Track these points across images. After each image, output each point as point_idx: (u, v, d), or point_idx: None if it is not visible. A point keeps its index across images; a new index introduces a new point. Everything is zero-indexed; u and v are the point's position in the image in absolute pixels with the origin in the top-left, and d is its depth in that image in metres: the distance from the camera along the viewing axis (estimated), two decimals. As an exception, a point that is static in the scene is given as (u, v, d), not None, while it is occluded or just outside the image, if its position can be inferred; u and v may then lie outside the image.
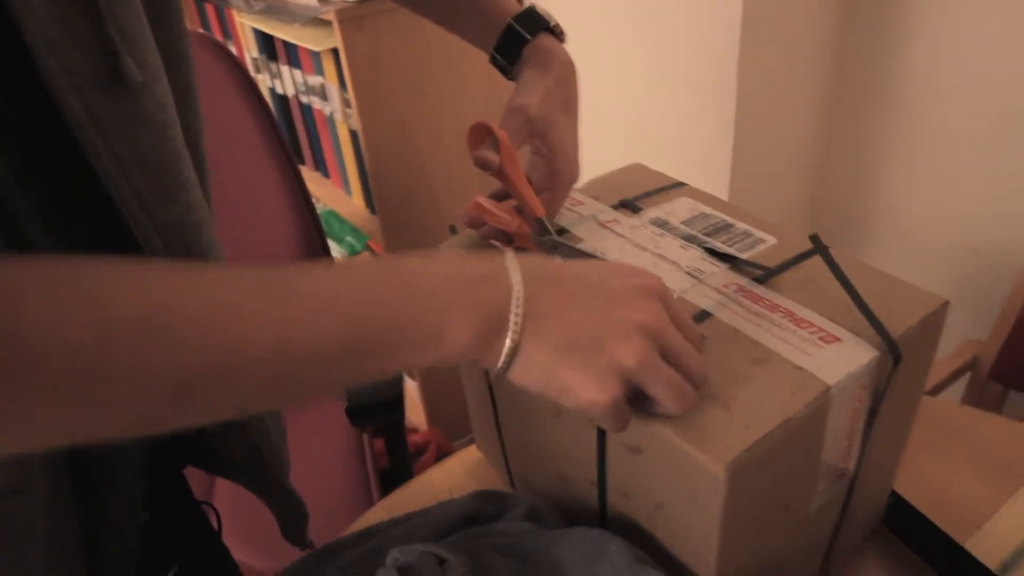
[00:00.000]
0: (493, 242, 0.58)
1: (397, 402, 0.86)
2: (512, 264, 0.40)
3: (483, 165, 0.55)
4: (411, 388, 1.73)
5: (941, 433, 0.77)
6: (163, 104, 0.43)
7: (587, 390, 0.39)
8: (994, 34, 1.04)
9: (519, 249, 0.47)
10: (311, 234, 1.18)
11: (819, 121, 1.27)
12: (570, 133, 0.60)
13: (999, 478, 0.71)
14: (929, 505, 0.66)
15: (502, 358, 0.39)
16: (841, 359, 0.45)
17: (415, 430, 1.70)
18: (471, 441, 0.79)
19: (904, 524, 0.66)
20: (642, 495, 0.48)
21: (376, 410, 0.85)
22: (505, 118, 0.58)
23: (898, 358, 0.46)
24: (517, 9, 0.64)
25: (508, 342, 0.38)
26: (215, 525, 0.66)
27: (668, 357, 0.41)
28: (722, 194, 1.18)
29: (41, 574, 0.45)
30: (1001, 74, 1.05)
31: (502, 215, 0.55)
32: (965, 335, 1.22)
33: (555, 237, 0.57)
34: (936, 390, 1.12)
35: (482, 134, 0.56)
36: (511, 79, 0.64)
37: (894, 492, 0.65)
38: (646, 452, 0.45)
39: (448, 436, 1.65)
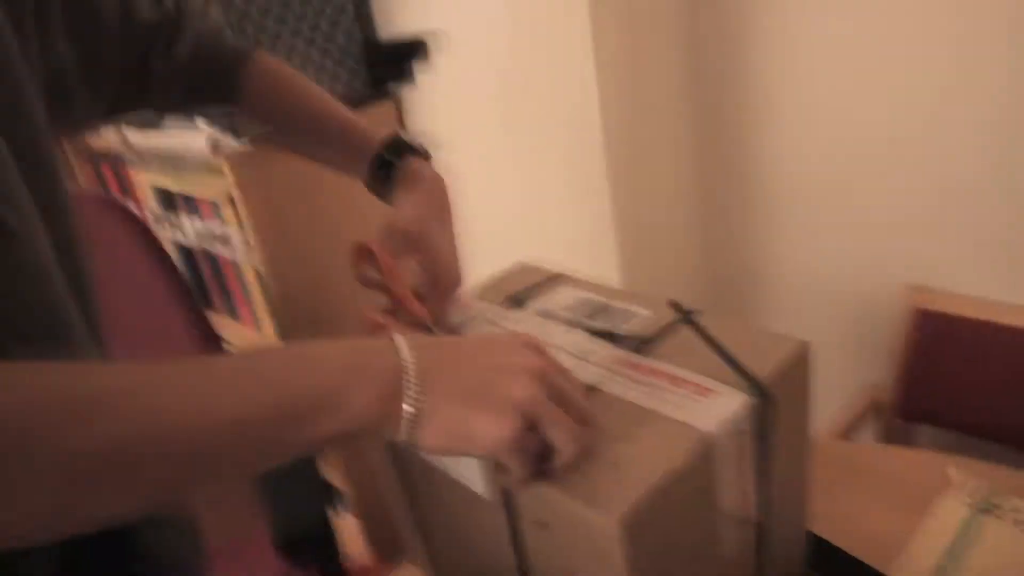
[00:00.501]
0: None
1: (325, 524, 0.85)
2: (399, 340, 0.43)
3: (365, 281, 0.60)
4: (351, 523, 1.69)
5: (851, 472, 0.81)
6: (38, 252, 0.46)
7: (488, 430, 0.42)
8: (843, 89, 1.15)
9: None
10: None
11: (694, 194, 1.36)
12: (447, 241, 0.65)
13: (910, 505, 0.75)
14: (848, 541, 0.69)
15: (403, 424, 0.42)
16: (717, 408, 0.49)
17: (357, 565, 1.65)
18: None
19: (827, 564, 0.68)
20: (559, 569, 0.49)
21: (305, 536, 0.84)
22: (382, 235, 0.62)
23: (768, 398, 0.50)
24: (382, 138, 0.70)
25: (407, 407, 0.42)
26: None
27: (556, 399, 0.44)
28: (614, 276, 1.24)
29: None
30: (860, 124, 1.15)
31: (394, 327, 0.58)
32: (865, 380, 1.29)
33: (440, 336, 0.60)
34: (846, 436, 1.17)
35: (363, 253, 0.60)
36: (387, 203, 0.69)
37: (812, 533, 0.68)
38: (551, 524, 0.47)
39: (392, 566, 1.61)
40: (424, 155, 0.70)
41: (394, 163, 0.68)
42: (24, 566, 0.47)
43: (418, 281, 0.64)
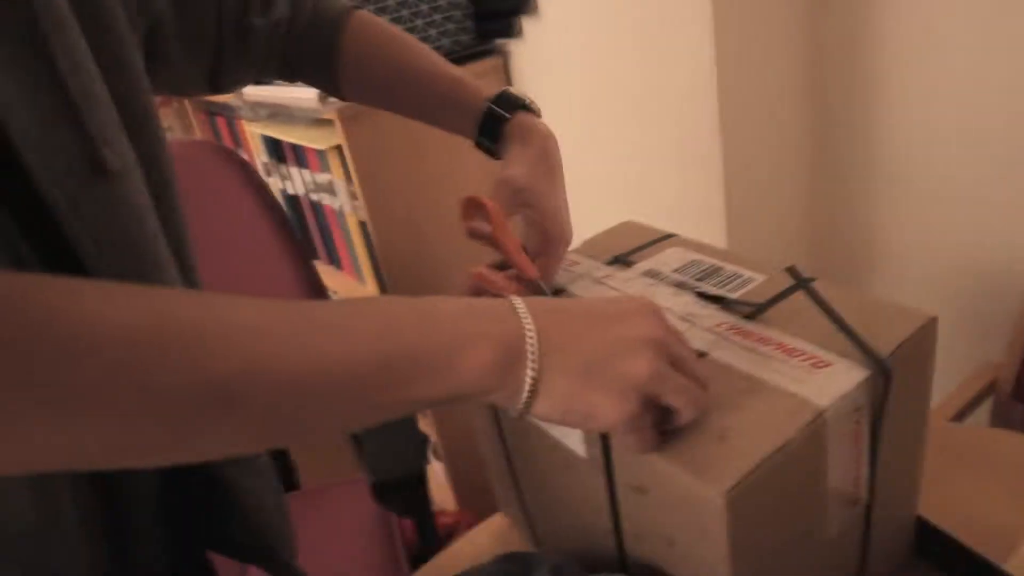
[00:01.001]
0: None
1: (420, 478, 0.87)
2: (519, 303, 0.42)
3: (475, 235, 0.59)
4: (438, 469, 1.73)
5: (966, 457, 0.76)
6: (135, 192, 0.47)
7: (608, 410, 0.41)
8: (977, 61, 1.07)
9: None
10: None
11: (806, 161, 1.30)
12: (558, 198, 0.64)
13: (1031, 496, 0.71)
14: (962, 530, 0.65)
15: (525, 391, 0.40)
16: (833, 382, 0.46)
17: (443, 512, 1.69)
18: (499, 514, 0.80)
19: (937, 551, 0.65)
20: (654, 534, 0.48)
21: (400, 486, 0.86)
22: (494, 191, 0.61)
23: (889, 376, 0.47)
24: (489, 94, 0.69)
25: (529, 373, 0.40)
26: None
27: (675, 364, 0.43)
28: (720, 241, 1.20)
29: None
30: (986, 99, 1.08)
31: (501, 282, 0.58)
32: (982, 358, 1.22)
33: (550, 296, 0.59)
34: (960, 416, 1.11)
35: (473, 207, 0.59)
36: (497, 158, 0.69)
37: (920, 517, 0.65)
38: (651, 491, 0.46)
39: (478, 515, 1.64)
40: (534, 111, 0.69)
41: (504, 119, 0.67)
42: (130, 479, 0.50)
43: (527, 238, 0.63)
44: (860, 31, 1.16)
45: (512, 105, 0.68)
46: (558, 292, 0.63)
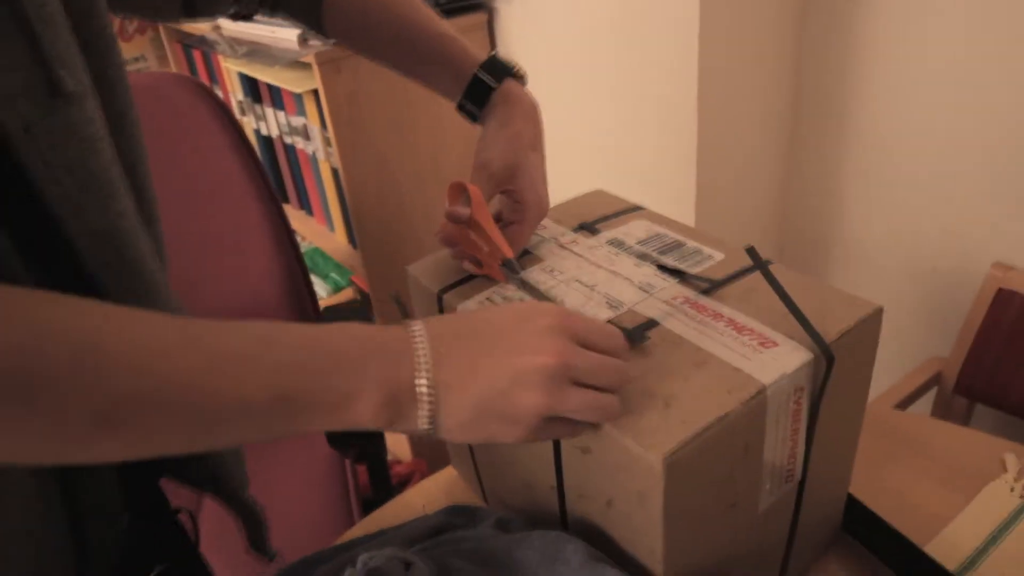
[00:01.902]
0: (466, 265, 0.62)
1: (375, 431, 0.88)
2: (418, 335, 0.43)
3: (455, 219, 0.60)
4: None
5: (904, 444, 0.79)
6: (91, 118, 0.46)
7: (508, 435, 0.44)
8: (943, 58, 1.09)
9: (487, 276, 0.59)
10: (293, 269, 1.21)
11: (780, 145, 1.32)
12: (538, 171, 0.64)
13: (960, 485, 0.74)
14: (891, 512, 0.68)
15: (424, 426, 0.43)
16: (777, 361, 0.48)
17: (399, 461, 1.71)
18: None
19: (863, 528, 0.68)
20: (595, 494, 0.50)
21: (354, 434, 0.87)
22: (473, 175, 0.62)
23: (831, 361, 0.49)
24: (480, 58, 0.68)
25: (424, 414, 0.42)
26: (192, 535, 0.68)
27: (581, 381, 0.44)
28: (688, 218, 1.22)
29: (33, 559, 0.47)
30: (951, 95, 1.10)
31: (478, 245, 0.60)
32: (930, 352, 1.26)
33: (521, 277, 0.60)
34: (904, 405, 1.14)
35: (458, 191, 0.61)
36: (477, 123, 0.68)
37: (851, 496, 0.67)
38: (594, 451, 0.47)
39: (432, 466, 1.67)
40: (521, 78, 0.69)
41: (492, 86, 0.66)
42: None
43: (503, 205, 0.64)
44: (844, 27, 1.17)
45: (501, 73, 0.67)
46: (524, 255, 0.64)
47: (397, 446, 1.77)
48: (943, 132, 1.13)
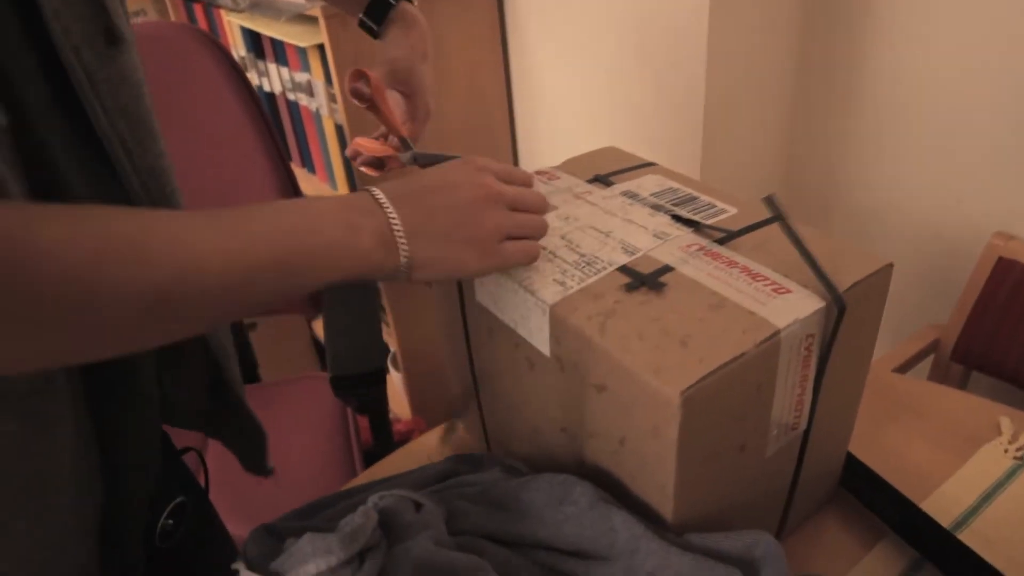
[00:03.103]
0: (365, 168, 0.72)
1: (378, 374, 0.89)
2: (379, 194, 0.50)
3: (357, 95, 0.68)
4: (395, 379, 1.76)
5: (902, 405, 0.81)
6: (136, 64, 0.51)
7: (473, 261, 0.52)
8: (950, 23, 1.09)
9: (389, 170, 0.69)
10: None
11: (787, 107, 1.31)
12: (428, 77, 0.74)
13: (956, 446, 0.75)
14: (888, 471, 0.69)
15: (402, 265, 0.50)
16: (790, 307, 0.49)
17: (399, 419, 1.73)
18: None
19: (860, 484, 0.69)
20: (607, 433, 0.51)
21: (359, 381, 0.88)
22: (377, 67, 0.71)
23: (843, 309, 0.50)
24: None
25: (403, 252, 0.49)
26: (201, 479, 0.70)
27: (511, 205, 0.54)
28: (694, 174, 1.22)
29: (68, 476, 0.49)
30: (958, 62, 1.10)
31: (373, 145, 0.70)
32: (929, 319, 1.27)
33: (415, 151, 0.70)
34: (901, 371, 1.16)
35: (358, 75, 0.68)
36: (377, 39, 0.76)
37: (850, 453, 0.69)
38: (610, 388, 0.48)
39: (431, 424, 1.68)
40: (412, 1, 0.77)
41: (391, 4, 0.74)
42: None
43: (399, 106, 0.73)
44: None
45: None
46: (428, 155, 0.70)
47: (397, 405, 1.78)
48: (949, 100, 1.13)
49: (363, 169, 0.71)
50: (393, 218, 0.49)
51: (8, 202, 0.37)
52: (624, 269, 0.54)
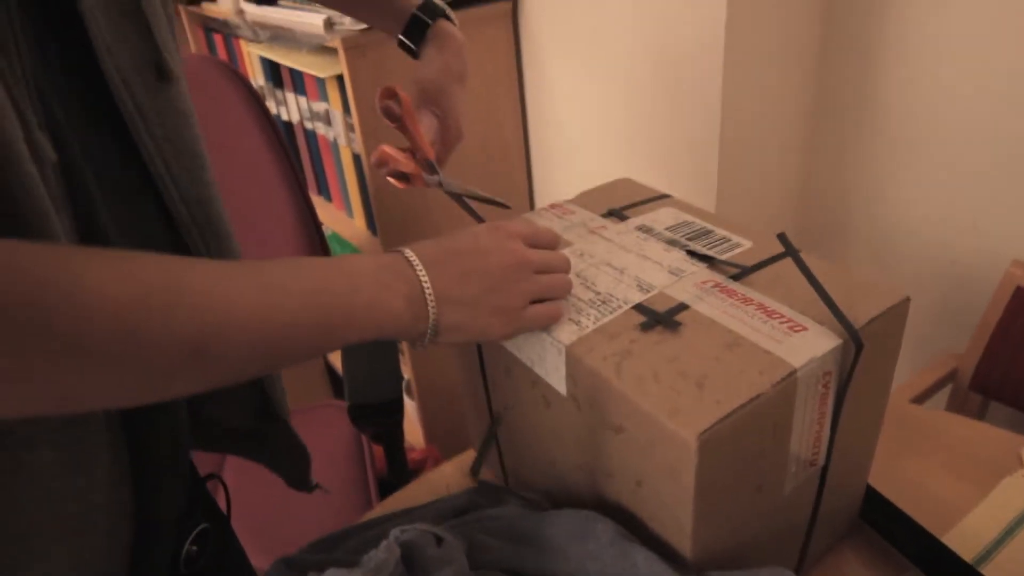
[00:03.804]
0: (391, 179, 0.70)
1: (396, 404, 0.90)
2: (412, 256, 0.51)
3: (387, 114, 0.67)
4: (410, 408, 1.76)
5: (921, 436, 0.80)
6: (185, 95, 0.53)
7: (498, 327, 0.53)
8: (963, 49, 1.09)
9: (414, 186, 0.70)
10: (317, 254, 1.22)
11: (802, 135, 1.32)
12: (461, 102, 0.73)
13: (977, 478, 0.74)
14: (908, 503, 0.69)
15: (429, 330, 0.51)
16: (807, 345, 0.49)
17: (412, 448, 1.73)
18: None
19: (880, 518, 0.69)
20: (623, 474, 0.51)
21: (377, 411, 0.88)
22: (409, 85, 0.71)
23: (860, 346, 0.50)
24: (416, 1, 0.76)
25: (431, 317, 0.50)
26: (225, 500, 0.71)
27: (539, 270, 0.55)
28: (709, 205, 1.22)
29: (103, 505, 0.50)
30: (973, 89, 1.10)
31: (401, 159, 0.68)
32: (946, 347, 1.26)
33: (441, 177, 0.69)
34: (920, 399, 1.15)
35: (390, 93, 0.67)
36: (416, 58, 0.76)
37: (870, 486, 0.68)
38: (627, 430, 0.48)
39: (445, 454, 1.68)
40: (452, 20, 0.77)
41: (428, 23, 0.74)
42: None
43: (428, 129, 0.72)
44: (868, 19, 1.17)
45: (435, 13, 0.75)
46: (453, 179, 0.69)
47: (411, 434, 1.78)
48: (966, 128, 1.13)
49: (389, 179, 0.71)
50: (425, 283, 0.50)
51: (51, 244, 0.38)
52: (639, 307, 0.54)
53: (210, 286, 0.41)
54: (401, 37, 0.77)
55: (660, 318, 0.52)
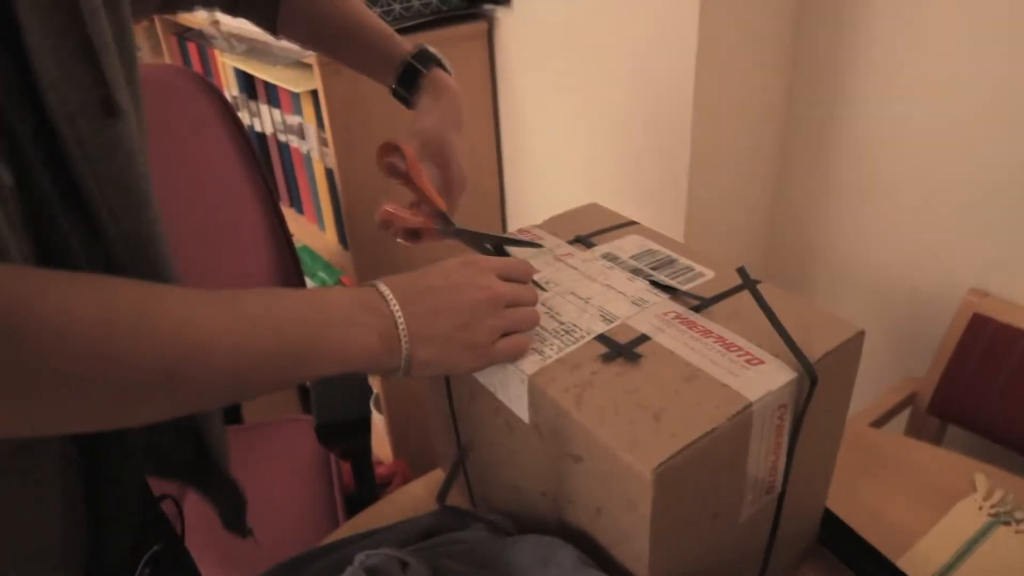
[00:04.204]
0: (401, 240, 0.69)
1: (364, 423, 0.90)
2: (386, 291, 0.52)
3: (392, 171, 0.67)
4: (378, 422, 1.76)
5: (879, 461, 0.82)
6: (132, 133, 0.51)
7: (468, 362, 0.54)
8: (926, 81, 1.12)
9: (426, 240, 0.68)
10: (288, 266, 1.22)
11: (770, 164, 1.34)
12: (460, 150, 0.73)
13: (932, 502, 0.76)
14: (865, 526, 0.70)
15: (401, 365, 0.51)
16: (763, 379, 0.50)
17: (380, 462, 1.72)
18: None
19: (838, 541, 0.70)
20: (585, 501, 0.52)
21: (344, 429, 0.89)
22: (409, 138, 0.72)
23: (814, 380, 0.51)
24: (410, 49, 0.76)
25: (404, 352, 0.51)
26: (178, 521, 0.70)
27: (509, 303, 0.55)
28: (678, 229, 1.24)
29: (57, 528, 0.50)
30: (935, 121, 1.13)
31: (407, 215, 0.67)
32: (906, 372, 1.29)
33: (457, 226, 0.68)
34: (879, 423, 1.17)
35: (391, 149, 0.67)
36: (410, 107, 0.77)
37: (828, 511, 0.70)
38: (586, 460, 0.49)
39: (413, 469, 1.68)
40: (446, 68, 0.77)
41: (423, 72, 0.74)
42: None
43: (433, 181, 0.71)
44: (833, 52, 1.20)
45: (429, 61, 0.75)
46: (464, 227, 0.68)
47: (379, 447, 1.78)
48: (927, 160, 1.16)
49: (399, 240, 0.70)
50: (400, 321, 0.51)
51: (11, 266, 0.38)
52: (602, 338, 0.55)
53: (182, 312, 0.41)
54: (395, 87, 0.77)
55: (621, 350, 0.53)
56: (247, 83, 1.61)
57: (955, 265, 1.18)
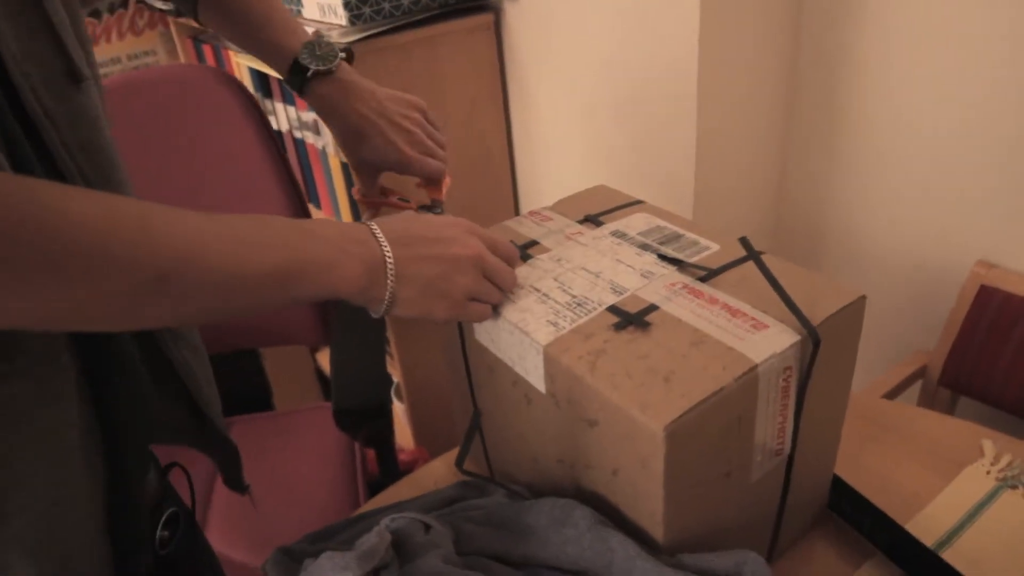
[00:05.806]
0: None
1: (382, 410, 0.92)
2: (376, 229, 0.55)
3: (381, 204, 0.75)
4: (398, 409, 1.79)
5: (888, 430, 0.84)
6: (95, 101, 0.54)
7: (441, 310, 0.58)
8: (933, 60, 1.13)
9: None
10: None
11: (776, 143, 1.36)
12: (405, 146, 0.77)
13: (940, 468, 0.78)
14: (874, 492, 0.72)
15: (385, 300, 0.55)
16: (768, 342, 0.53)
17: (402, 449, 1.76)
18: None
19: (847, 506, 0.72)
20: (601, 464, 0.55)
21: (361, 416, 0.91)
22: (359, 179, 0.79)
23: (817, 342, 0.53)
24: (304, 41, 0.75)
25: (389, 288, 0.55)
26: (189, 487, 0.72)
27: (487, 272, 0.59)
28: (687, 210, 1.26)
29: (77, 448, 0.51)
30: (942, 97, 1.14)
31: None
32: (917, 345, 1.30)
33: (441, 210, 0.75)
34: (890, 396, 1.19)
35: (366, 205, 0.77)
36: (302, 96, 0.77)
37: (838, 477, 0.72)
38: (601, 423, 0.52)
39: (433, 456, 1.71)
40: (349, 58, 0.78)
41: (332, 71, 0.74)
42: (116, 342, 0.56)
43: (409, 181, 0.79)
44: (840, 28, 1.22)
45: (330, 57, 0.75)
46: (531, 245, 0.68)
47: (400, 435, 1.81)
48: (934, 133, 1.17)
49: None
50: (388, 256, 0.54)
51: (36, 178, 0.41)
52: (613, 309, 0.58)
53: (177, 223, 0.44)
54: (284, 81, 0.76)
55: (632, 318, 0.56)
56: (262, 82, 1.64)
57: (963, 238, 1.19)
